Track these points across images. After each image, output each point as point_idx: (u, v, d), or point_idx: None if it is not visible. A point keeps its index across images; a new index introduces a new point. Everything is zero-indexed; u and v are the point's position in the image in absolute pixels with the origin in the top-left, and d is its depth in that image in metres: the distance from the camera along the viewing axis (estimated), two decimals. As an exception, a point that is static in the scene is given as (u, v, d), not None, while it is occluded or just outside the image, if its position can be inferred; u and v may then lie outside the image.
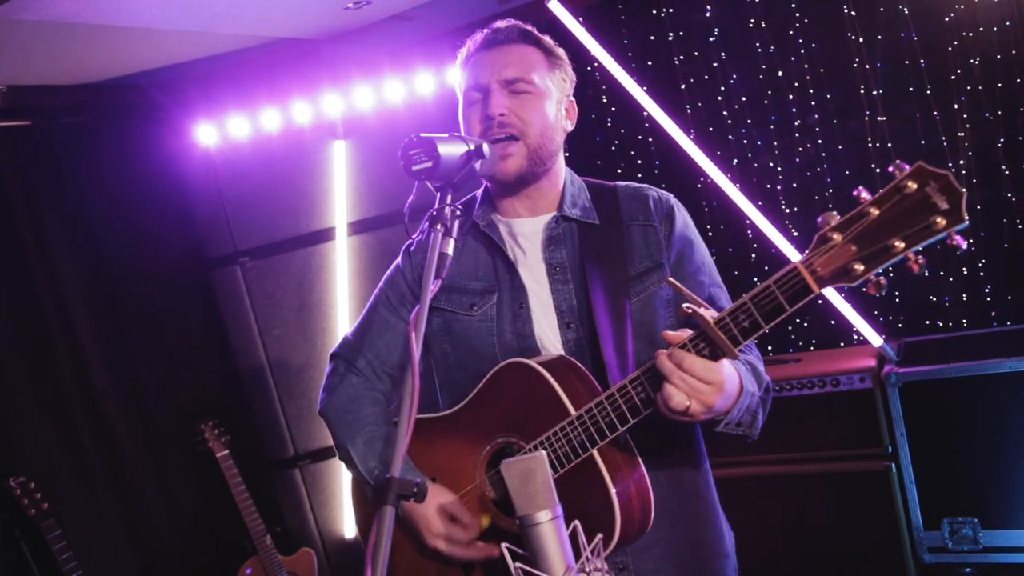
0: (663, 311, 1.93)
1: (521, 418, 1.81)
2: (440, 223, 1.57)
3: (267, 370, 4.14)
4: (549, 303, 1.93)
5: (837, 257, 1.46)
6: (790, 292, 1.50)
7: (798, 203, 4.39)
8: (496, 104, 1.85)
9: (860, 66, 4.08)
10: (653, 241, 1.95)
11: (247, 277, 4.11)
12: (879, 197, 1.43)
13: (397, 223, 4.16)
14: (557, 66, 1.96)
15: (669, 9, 4.45)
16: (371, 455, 1.97)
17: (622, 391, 1.69)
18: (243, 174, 4.06)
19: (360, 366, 2.08)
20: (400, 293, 2.09)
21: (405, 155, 1.60)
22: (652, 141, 4.61)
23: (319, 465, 4.25)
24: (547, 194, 1.99)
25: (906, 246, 1.41)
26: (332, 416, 2.06)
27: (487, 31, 1.97)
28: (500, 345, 1.93)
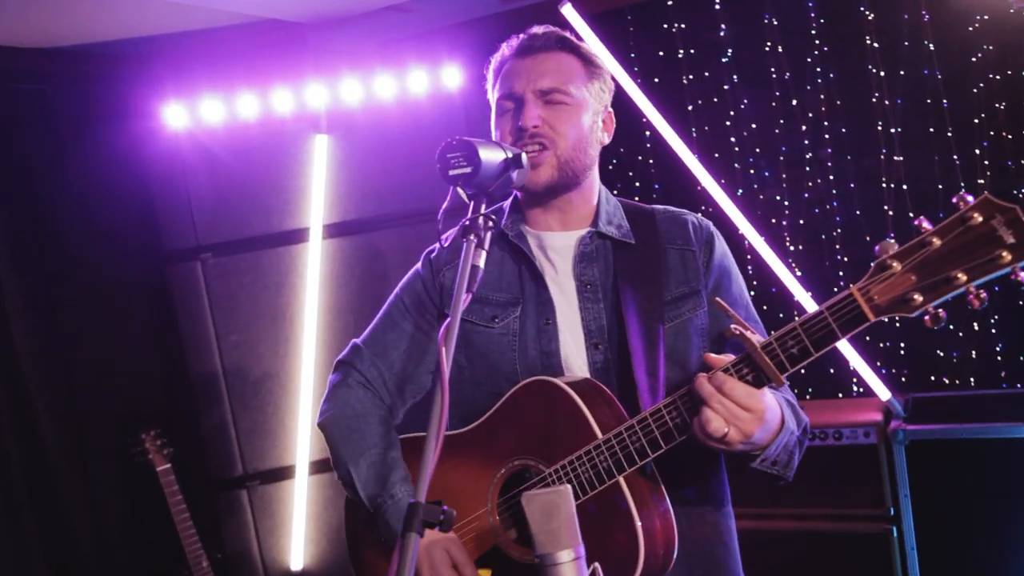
0: (697, 340, 1.97)
1: (542, 440, 1.83)
2: (473, 233, 1.61)
3: (221, 378, 4.09)
4: (577, 322, 1.96)
5: (895, 286, 1.52)
6: (844, 319, 1.55)
7: (803, 241, 4.49)
8: (529, 116, 1.90)
9: (879, 101, 4.22)
10: (691, 267, 2.00)
11: (208, 275, 4.07)
12: (942, 227, 1.49)
13: (378, 229, 4.16)
14: (596, 76, 2.01)
15: (681, 24, 4.56)
16: (374, 481, 1.97)
17: (655, 415, 1.72)
18: (213, 162, 4.04)
19: (370, 377, 2.09)
20: (418, 301, 2.11)
21: (443, 158, 1.63)
22: (653, 163, 4.70)
23: (269, 487, 4.20)
24: (579, 209, 2.03)
25: (968, 279, 1.47)
26: (335, 430, 2.05)
27: (523, 37, 2.02)
28: (522, 361, 1.96)
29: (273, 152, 4.10)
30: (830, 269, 4.42)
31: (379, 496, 1.96)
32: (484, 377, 1.99)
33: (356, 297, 4.17)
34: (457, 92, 4.12)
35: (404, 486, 1.97)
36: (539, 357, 1.95)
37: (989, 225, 1.46)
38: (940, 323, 1.51)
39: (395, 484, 1.96)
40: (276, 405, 4.15)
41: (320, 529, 4.20)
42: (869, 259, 4.32)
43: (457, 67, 4.12)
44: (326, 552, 4.20)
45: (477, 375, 2.00)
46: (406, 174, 4.11)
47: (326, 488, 4.22)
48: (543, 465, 1.82)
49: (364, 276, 4.17)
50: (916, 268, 1.51)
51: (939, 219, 1.49)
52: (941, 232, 1.49)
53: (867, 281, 1.54)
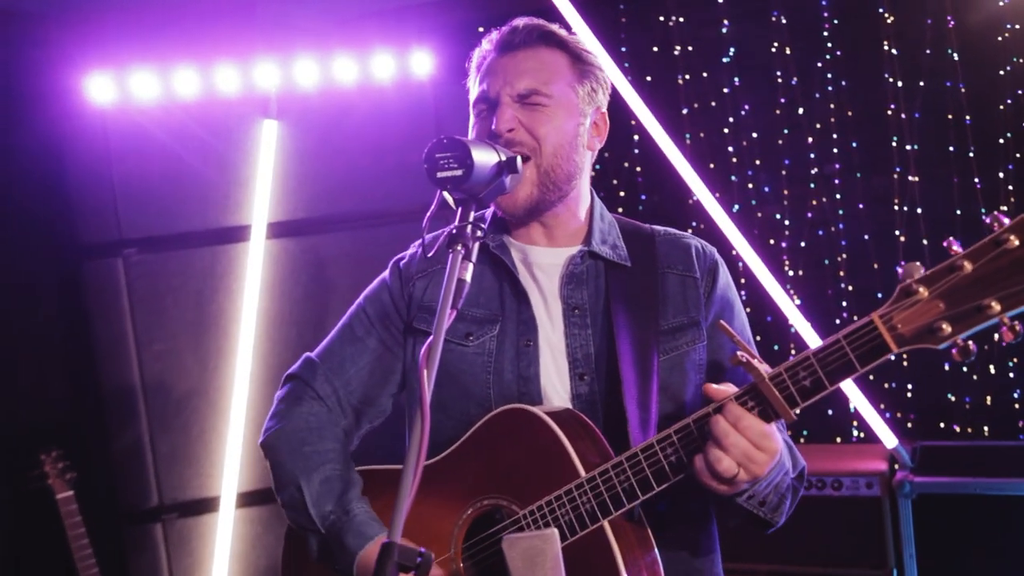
0: (693, 376, 1.98)
1: (517, 476, 1.82)
2: (461, 243, 1.60)
3: (139, 393, 4.04)
4: (561, 348, 1.96)
5: (922, 314, 1.53)
6: (863, 349, 1.56)
7: (804, 265, 4.56)
8: (504, 118, 1.89)
9: (895, 114, 4.30)
10: (692, 295, 2.01)
11: (130, 273, 4.02)
12: (973, 251, 1.51)
13: (329, 231, 4.14)
14: (586, 74, 2.01)
15: (679, 18, 4.62)
16: (327, 497, 1.95)
17: (648, 452, 1.72)
18: (143, 145, 4.00)
19: (323, 392, 2.07)
20: (383, 314, 2.10)
21: (431, 158, 1.64)
22: (641, 171, 4.74)
23: (188, 522, 4.14)
24: (567, 223, 2.04)
25: (1002, 309, 1.48)
26: (283, 446, 2.03)
27: (503, 31, 2.01)
28: (496, 385, 1.95)
29: (214, 137, 4.07)
30: (832, 299, 4.48)
31: (333, 513, 1.94)
32: (452, 401, 1.97)
33: (300, 306, 4.15)
34: (427, 80, 4.13)
35: (362, 505, 1.95)
36: (515, 382, 1.94)
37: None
38: (970, 357, 1.52)
39: (352, 501, 1.95)
40: (202, 426, 4.10)
41: (245, 571, 4.15)
42: (875, 289, 4.39)
43: (427, 52, 4.13)
44: (250, 598, 4.15)
45: (444, 398, 1.98)
46: (365, 171, 4.10)
47: (254, 524, 4.17)
48: (517, 506, 1.80)
49: (310, 283, 4.15)
50: (945, 295, 1.52)
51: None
52: (973, 255, 1.51)
53: (890, 307, 1.56)
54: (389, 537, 1.36)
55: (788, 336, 4.46)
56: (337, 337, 2.13)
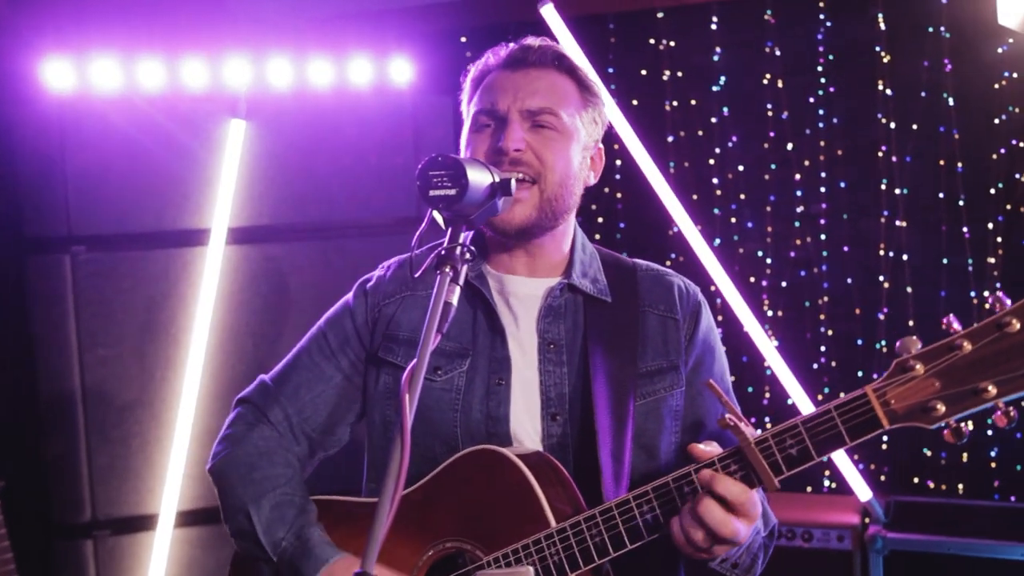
0: (670, 423, 2.01)
1: (484, 521, 1.83)
2: (450, 265, 1.61)
3: (78, 400, 3.98)
4: (534, 386, 1.98)
5: (917, 391, 1.57)
6: (854, 423, 1.60)
7: (784, 306, 4.62)
8: (513, 137, 1.91)
9: (886, 156, 4.37)
10: (673, 338, 2.04)
11: (78, 272, 3.96)
12: (974, 331, 1.55)
13: (294, 240, 4.12)
14: (591, 104, 2.04)
15: (671, 42, 4.67)
16: (279, 524, 1.95)
17: (623, 508, 1.74)
18: (101, 138, 3.95)
19: (275, 418, 2.07)
20: (344, 340, 2.10)
21: (424, 175, 1.65)
22: (621, 197, 4.78)
23: (122, 540, 4.07)
24: (551, 255, 2.06)
25: (999, 394, 1.53)
26: (232, 471, 2.03)
27: (514, 47, 2.04)
28: (463, 424, 1.96)
29: (177, 135, 4.03)
30: (811, 342, 4.54)
31: (285, 540, 1.94)
32: (418, 437, 1.97)
33: (258, 318, 4.12)
34: (407, 88, 4.13)
35: (317, 530, 1.95)
36: (484, 422, 1.96)
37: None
38: (963, 439, 1.57)
39: (306, 526, 1.95)
40: (144, 439, 4.05)
41: (179, 597, 4.12)
42: (856, 335, 4.45)
43: (407, 59, 4.14)
44: (184, 624, 4.11)
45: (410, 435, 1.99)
46: (336, 179, 4.09)
47: (192, 546, 4.12)
48: (481, 551, 1.82)
49: (271, 294, 4.13)
50: (942, 374, 1.56)
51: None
52: (972, 336, 1.55)
53: (884, 382, 1.60)
54: (362, 567, 1.37)
55: (764, 378, 4.51)
56: (294, 361, 2.13)
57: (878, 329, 4.42)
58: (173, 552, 4.07)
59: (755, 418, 4.55)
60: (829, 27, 4.46)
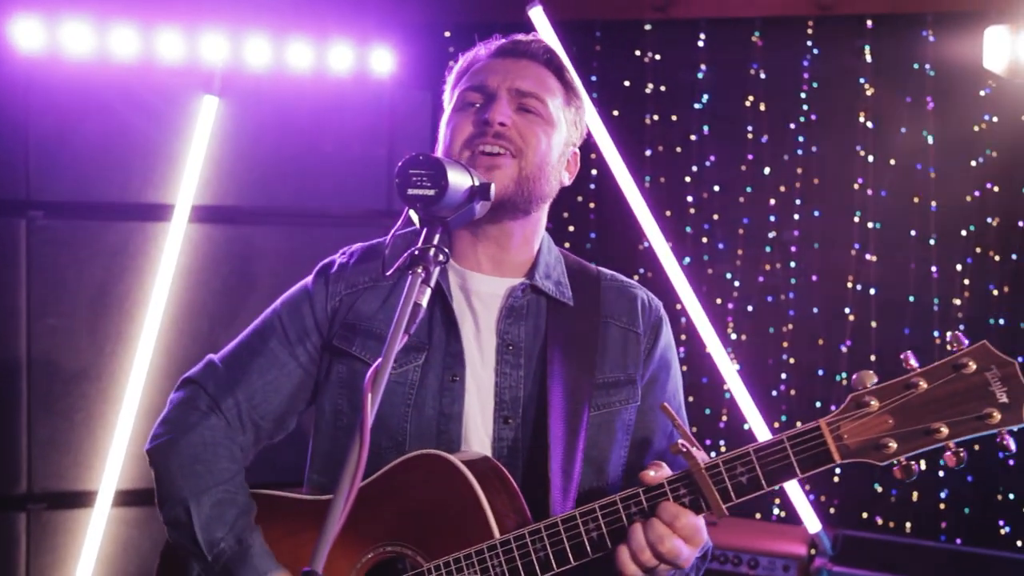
0: (621, 437, 2.01)
1: (427, 527, 1.83)
2: (422, 266, 1.62)
3: (23, 369, 3.93)
4: (489, 386, 1.97)
5: (870, 427, 1.59)
6: (805, 455, 1.62)
7: (748, 330, 4.65)
8: (500, 110, 1.93)
9: (862, 189, 4.42)
10: (632, 351, 2.05)
11: (33, 238, 3.92)
12: (930, 370, 1.58)
13: (259, 223, 4.10)
14: (574, 106, 2.07)
15: (655, 55, 4.69)
16: (218, 523, 1.93)
17: (568, 524, 1.74)
18: (68, 102, 3.92)
19: (223, 404, 2.03)
20: (300, 325, 2.07)
21: (403, 173, 1.65)
22: (594, 207, 4.80)
23: (57, 515, 4.03)
24: (518, 250, 2.05)
25: (950, 434, 1.55)
26: (173, 460, 1.99)
27: (505, 40, 2.05)
28: (415, 419, 1.96)
29: (148, 105, 4.00)
30: (773, 368, 4.57)
31: (224, 541, 1.91)
32: None
33: (215, 299, 4.09)
34: (386, 79, 4.12)
35: (257, 536, 1.93)
36: (436, 419, 1.95)
37: (983, 377, 1.55)
38: (912, 476, 1.59)
39: (246, 530, 1.93)
40: (88, 413, 4.01)
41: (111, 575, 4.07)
42: (817, 365, 4.48)
43: (388, 49, 4.13)
44: (113, 607, 4.07)
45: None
46: (308, 165, 4.07)
47: (129, 526, 4.09)
48: (422, 558, 1.81)
49: (230, 276, 4.10)
50: (896, 411, 1.58)
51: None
52: (929, 375, 1.57)
53: (839, 416, 1.61)
54: (311, 567, 1.36)
55: (722, 400, 4.54)
56: (245, 344, 2.09)
57: (840, 361, 4.46)
58: (108, 530, 4.03)
59: (710, 440, 4.58)
60: (816, 54, 4.50)
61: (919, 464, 1.60)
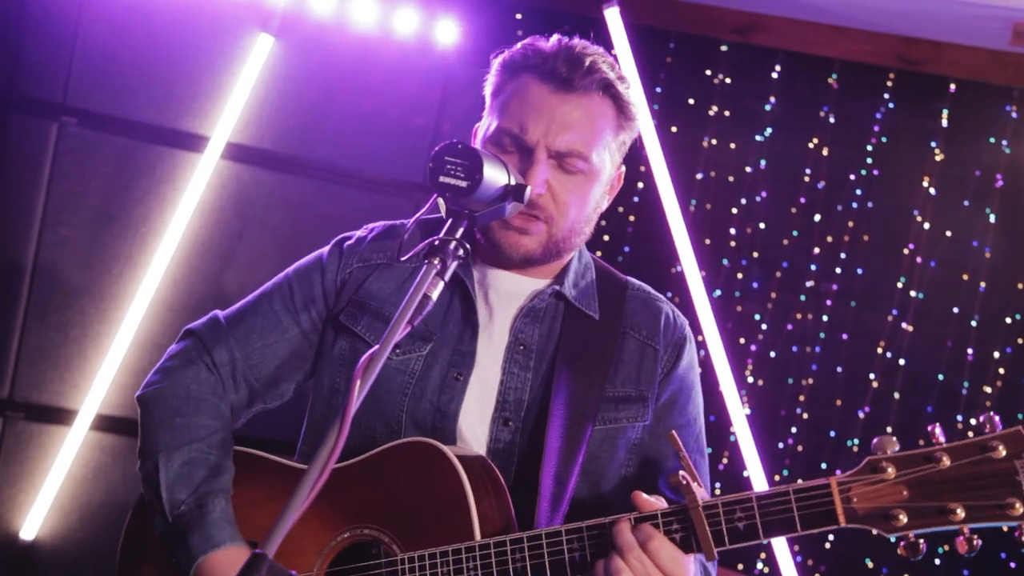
0: (623, 455, 1.97)
1: (409, 516, 1.80)
2: (439, 257, 1.59)
3: (27, 273, 3.96)
4: (493, 386, 1.94)
5: (882, 495, 1.53)
6: (809, 512, 1.56)
7: (766, 376, 4.58)
8: (536, 180, 1.86)
9: (911, 255, 4.35)
10: (648, 368, 2.01)
11: (62, 144, 3.95)
12: (956, 447, 1.52)
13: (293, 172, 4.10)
14: (625, 128, 1.99)
15: (726, 78, 4.63)
16: (184, 483, 1.90)
17: (552, 539, 1.70)
18: (122, 13, 3.93)
19: (219, 359, 2.02)
20: (308, 294, 2.06)
21: (439, 159, 1.63)
22: (633, 220, 4.74)
23: (33, 427, 4.06)
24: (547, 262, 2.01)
25: (966, 518, 1.49)
26: (156, 409, 1.98)
27: (561, 54, 1.92)
28: (410, 410, 1.93)
29: (203, 33, 4.02)
30: (784, 420, 4.51)
31: (184, 504, 1.87)
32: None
33: (232, 241, 4.10)
34: (450, 50, 4.09)
35: (220, 501, 1.89)
36: (432, 414, 1.92)
37: (1011, 464, 1.49)
38: (918, 556, 1.53)
39: (210, 495, 1.88)
40: (83, 330, 4.03)
41: (76, 498, 4.07)
42: (830, 426, 4.40)
43: (455, 21, 4.11)
44: (72, 528, 4.07)
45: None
46: (351, 122, 4.06)
47: (103, 453, 4.09)
48: (398, 547, 1.78)
49: (252, 220, 4.11)
50: (913, 483, 1.52)
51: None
52: (954, 452, 1.52)
53: (851, 477, 1.56)
54: (263, 549, 1.31)
55: (725, 442, 4.48)
56: (253, 305, 2.08)
57: (854, 426, 4.40)
58: (82, 453, 4.06)
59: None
60: (891, 108, 4.43)
61: (925, 544, 1.54)
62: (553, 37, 1.96)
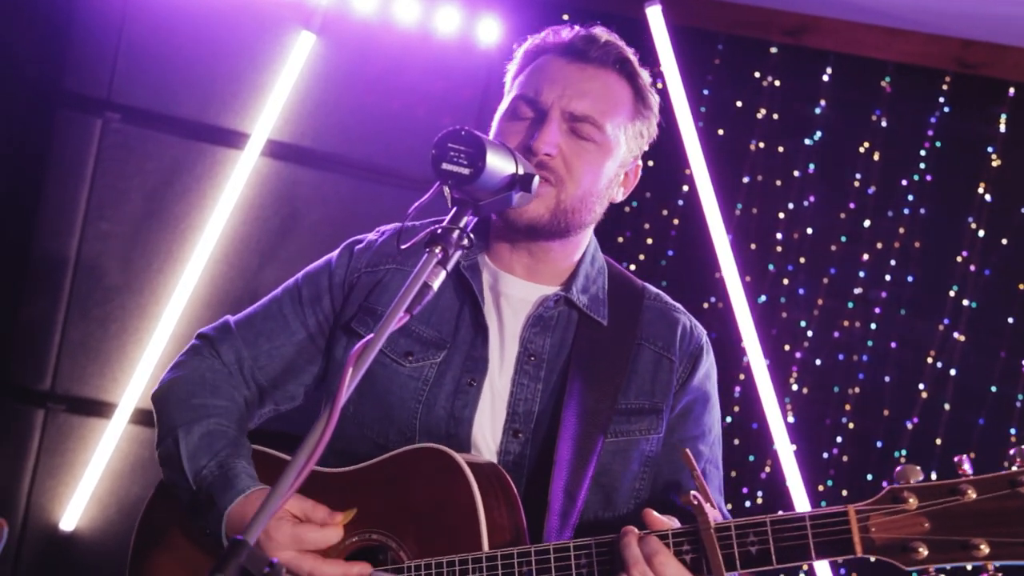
0: (636, 468, 1.93)
1: (417, 524, 1.79)
2: (441, 246, 1.55)
3: (70, 267, 4.01)
4: (504, 396, 1.92)
5: (902, 526, 1.47)
6: (825, 539, 1.51)
7: (810, 385, 4.48)
8: (547, 139, 1.84)
9: (964, 263, 4.22)
10: (664, 379, 1.97)
11: (106, 140, 3.99)
12: (984, 480, 1.45)
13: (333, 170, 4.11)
14: (642, 117, 1.98)
15: (775, 80, 4.53)
16: (205, 451, 1.90)
17: (560, 553, 1.67)
18: (167, 11, 3.97)
19: (228, 358, 2.04)
20: (316, 298, 2.06)
21: (442, 146, 1.60)
22: (677, 224, 4.66)
23: (74, 419, 4.10)
24: (555, 262, 2.00)
25: (990, 555, 1.43)
26: (171, 395, 2.00)
27: (577, 34, 1.96)
28: (423, 417, 1.91)
29: (246, 30, 4.04)
30: (828, 430, 4.41)
31: (206, 468, 1.87)
32: (372, 420, 1.94)
33: (272, 238, 4.12)
34: (490, 49, 4.06)
35: (242, 462, 1.88)
36: (445, 421, 1.91)
37: (1041, 500, 1.43)
38: (937, 593, 1.47)
39: (231, 457, 1.88)
40: (124, 325, 4.06)
41: (114, 492, 4.10)
42: (876, 436, 4.28)
43: (497, 20, 4.08)
44: (110, 521, 4.10)
45: (364, 415, 1.95)
46: (391, 122, 4.06)
47: (141, 446, 4.12)
48: (405, 553, 1.78)
49: (291, 218, 4.12)
50: (935, 515, 1.46)
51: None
52: (980, 485, 1.45)
53: (871, 506, 1.50)
54: (245, 536, 1.30)
55: (767, 451, 4.39)
56: (262, 309, 2.10)
57: (902, 437, 4.28)
58: (121, 446, 4.10)
59: (747, 488, 4.42)
60: (946, 112, 4.30)
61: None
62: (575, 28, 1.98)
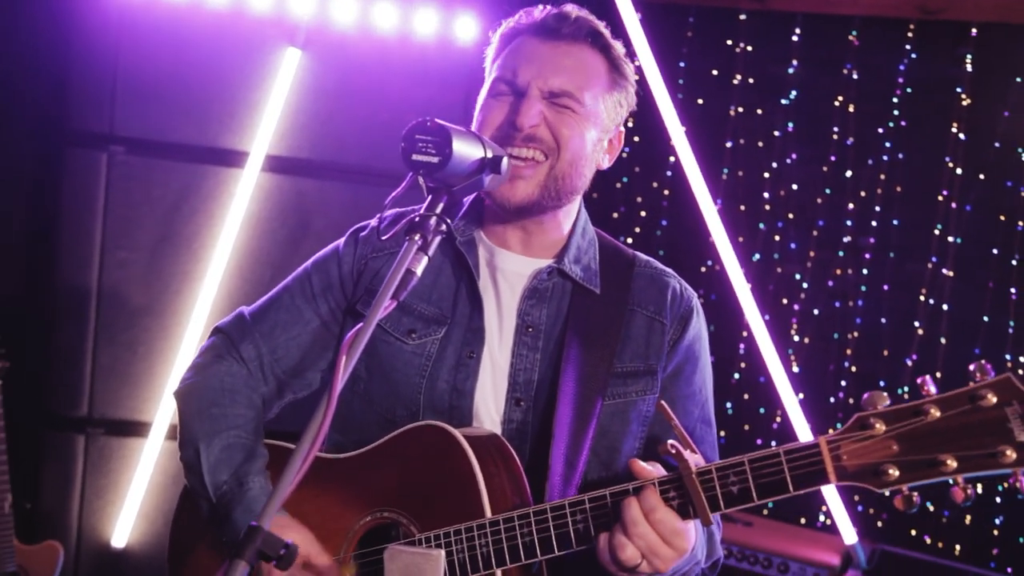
0: (636, 428, 1.96)
1: (423, 497, 1.82)
2: (419, 233, 1.58)
3: (93, 297, 4.03)
4: (504, 366, 1.95)
5: (872, 451, 1.49)
6: (800, 472, 1.53)
7: (811, 334, 4.50)
8: (529, 112, 1.87)
9: (946, 202, 4.22)
10: (656, 341, 1.99)
11: (113, 172, 4.01)
12: (946, 398, 1.47)
13: (331, 178, 4.13)
14: (618, 87, 1.99)
15: (747, 46, 4.54)
16: (225, 466, 1.94)
17: (557, 512, 1.70)
18: (158, 43, 3.99)
19: (247, 355, 2.05)
20: (327, 285, 2.08)
21: (410, 138, 1.62)
22: (668, 195, 4.68)
23: (113, 441, 4.14)
24: (548, 233, 2.01)
25: (958, 469, 1.45)
26: (193, 402, 2.02)
27: (549, 12, 1.96)
28: (428, 391, 1.94)
29: (233, 53, 4.05)
30: (832, 376, 4.42)
31: (226, 484, 1.92)
32: (380, 397, 1.97)
33: (280, 249, 4.13)
34: (469, 46, 4.07)
35: (259, 479, 1.94)
36: (448, 393, 1.94)
37: (1002, 412, 1.44)
38: (912, 508, 1.49)
39: (250, 473, 1.93)
40: (150, 347, 4.09)
41: (159, 507, 4.14)
42: (879, 376, 4.29)
43: (473, 17, 4.09)
44: (158, 534, 4.14)
45: (373, 392, 1.98)
46: (385, 125, 4.06)
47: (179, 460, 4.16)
48: (416, 528, 1.81)
49: (298, 228, 4.14)
50: (902, 437, 1.48)
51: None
52: (943, 403, 1.47)
53: (841, 436, 1.52)
54: (258, 521, 1.36)
55: (777, 401, 4.40)
56: (275, 299, 2.11)
57: (903, 374, 4.29)
58: (160, 462, 4.13)
59: (761, 440, 4.45)
60: (913, 59, 4.30)
61: (919, 496, 1.49)
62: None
